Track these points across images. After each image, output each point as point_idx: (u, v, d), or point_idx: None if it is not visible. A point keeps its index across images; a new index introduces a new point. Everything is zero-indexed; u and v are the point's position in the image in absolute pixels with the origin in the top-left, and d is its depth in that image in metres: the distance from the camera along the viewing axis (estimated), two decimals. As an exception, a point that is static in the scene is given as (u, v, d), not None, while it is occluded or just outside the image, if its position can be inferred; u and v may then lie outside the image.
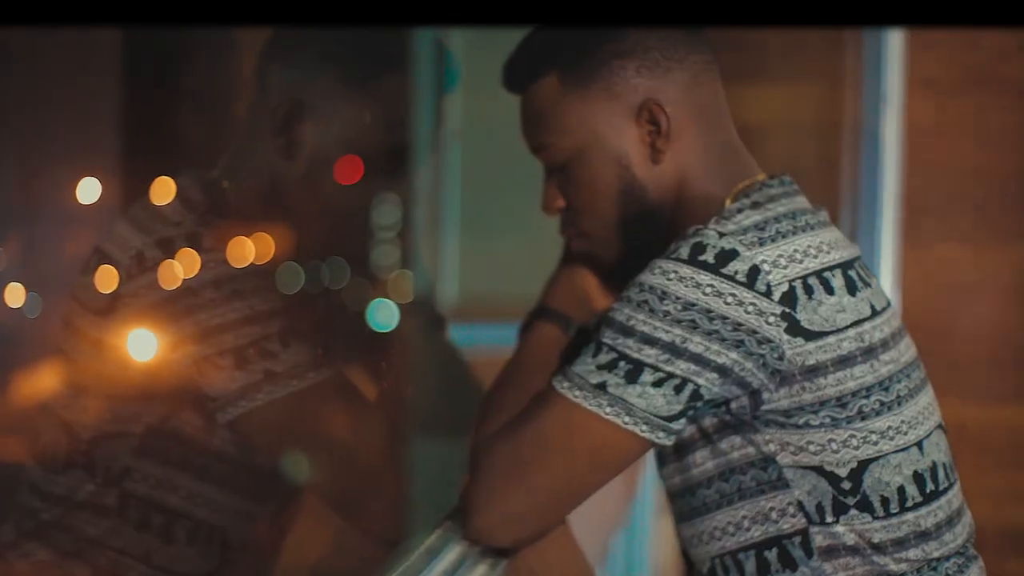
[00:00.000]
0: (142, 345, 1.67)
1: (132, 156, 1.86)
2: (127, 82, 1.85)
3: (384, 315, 1.86)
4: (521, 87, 1.64)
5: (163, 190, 1.73)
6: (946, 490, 1.61)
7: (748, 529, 1.58)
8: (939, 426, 1.64)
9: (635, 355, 1.51)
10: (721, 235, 1.52)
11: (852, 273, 1.57)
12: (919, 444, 1.58)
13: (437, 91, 1.83)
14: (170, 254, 1.66)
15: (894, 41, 3.37)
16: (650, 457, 1.65)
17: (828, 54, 3.42)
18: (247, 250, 1.70)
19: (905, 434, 1.57)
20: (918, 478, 1.58)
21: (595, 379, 1.52)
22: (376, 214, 1.80)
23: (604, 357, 1.52)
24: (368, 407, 1.73)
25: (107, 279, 1.67)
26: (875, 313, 1.57)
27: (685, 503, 1.62)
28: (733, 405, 1.54)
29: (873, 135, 3.41)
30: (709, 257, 1.51)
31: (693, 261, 1.51)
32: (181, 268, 1.66)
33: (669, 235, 1.58)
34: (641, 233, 1.62)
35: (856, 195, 3.43)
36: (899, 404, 1.57)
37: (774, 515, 1.56)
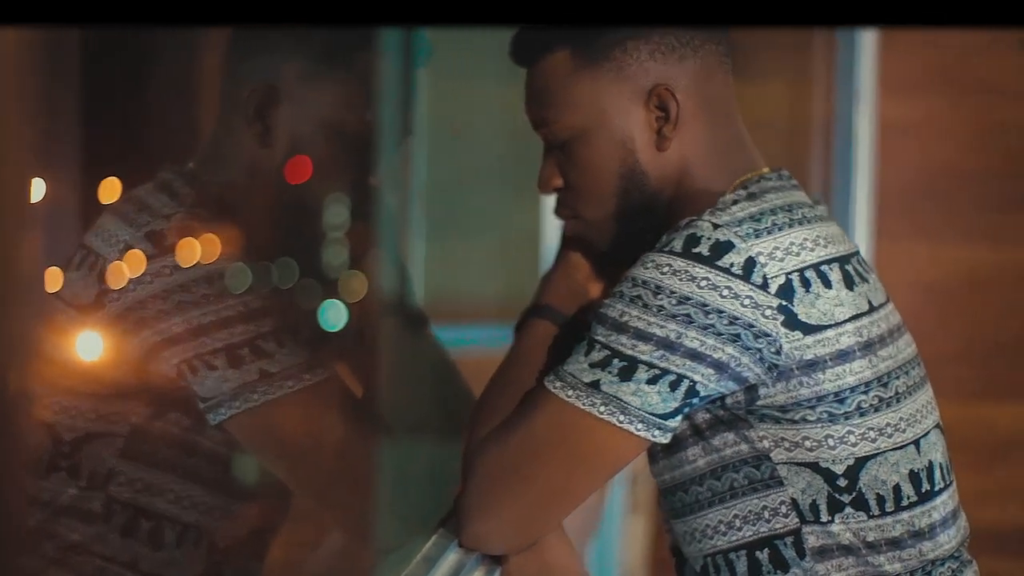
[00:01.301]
0: (129, 343, 1.63)
1: (91, 153, 1.84)
2: (84, 76, 1.83)
3: (335, 315, 1.84)
4: (530, 60, 1.61)
5: (113, 190, 1.70)
6: (942, 491, 1.59)
7: (740, 529, 1.56)
8: (937, 425, 1.62)
9: (629, 352, 1.48)
10: (716, 226, 1.50)
11: (849, 268, 1.55)
12: (916, 443, 1.56)
13: (407, 73, 1.81)
14: (160, 248, 1.63)
15: (867, 40, 3.37)
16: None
17: (797, 53, 3.42)
18: (236, 245, 1.67)
19: (903, 432, 1.55)
20: (914, 477, 1.56)
21: (588, 378, 1.49)
22: (338, 210, 1.78)
23: (597, 355, 1.50)
24: (361, 411, 1.71)
25: (93, 274, 1.64)
26: (872, 308, 1.56)
27: (677, 500, 1.60)
28: (728, 400, 1.52)
29: (846, 133, 3.41)
30: (704, 249, 1.48)
31: (687, 254, 1.48)
32: (172, 262, 1.62)
33: (666, 225, 1.55)
34: (638, 220, 1.59)
35: (828, 193, 3.43)
36: (898, 401, 1.55)
37: (767, 514, 1.54)
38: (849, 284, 1.54)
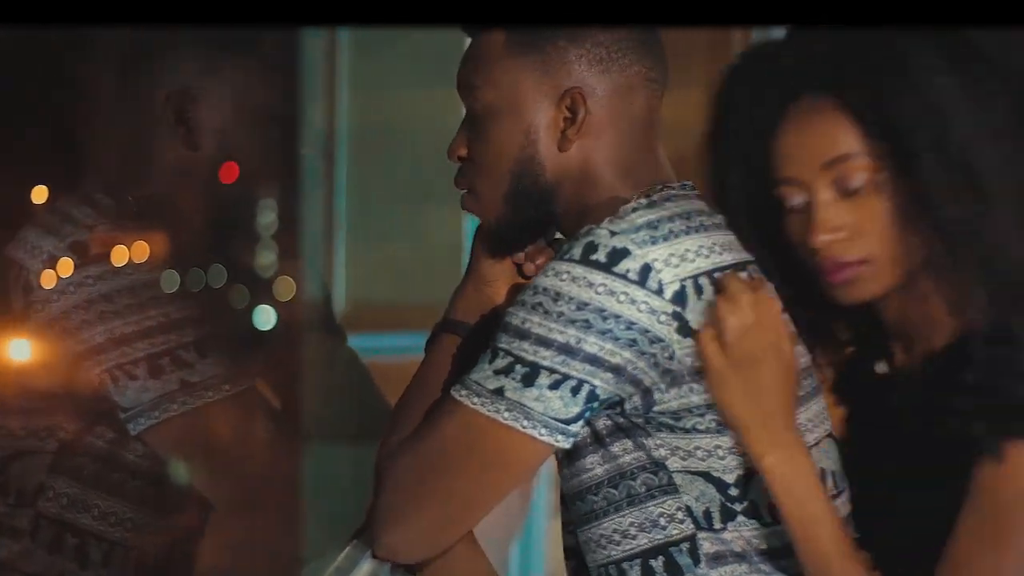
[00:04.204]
0: (54, 354, 1.64)
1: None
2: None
3: (264, 318, 1.84)
4: (474, 32, 1.65)
5: (40, 196, 1.71)
6: (835, 498, 1.61)
7: (635, 537, 1.57)
8: (829, 434, 1.64)
9: (531, 358, 1.51)
10: (613, 234, 1.53)
11: (744, 275, 1.57)
12: (808, 452, 1.58)
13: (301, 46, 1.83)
14: (85, 258, 1.64)
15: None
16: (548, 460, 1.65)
17: (715, 60, 3.45)
18: (158, 255, 1.67)
19: None
20: None
21: (492, 384, 1.52)
22: (263, 212, 1.79)
23: (501, 362, 1.52)
24: (280, 421, 1.72)
25: (18, 286, 1.64)
26: None
27: (577, 508, 1.61)
28: (627, 406, 1.55)
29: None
30: (601, 256, 1.51)
31: (585, 261, 1.51)
32: (95, 272, 1.63)
33: (566, 225, 1.61)
34: (529, 208, 1.62)
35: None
36: None
37: (663, 521, 1.56)
38: None
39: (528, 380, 1.51)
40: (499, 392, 1.51)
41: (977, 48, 1.53)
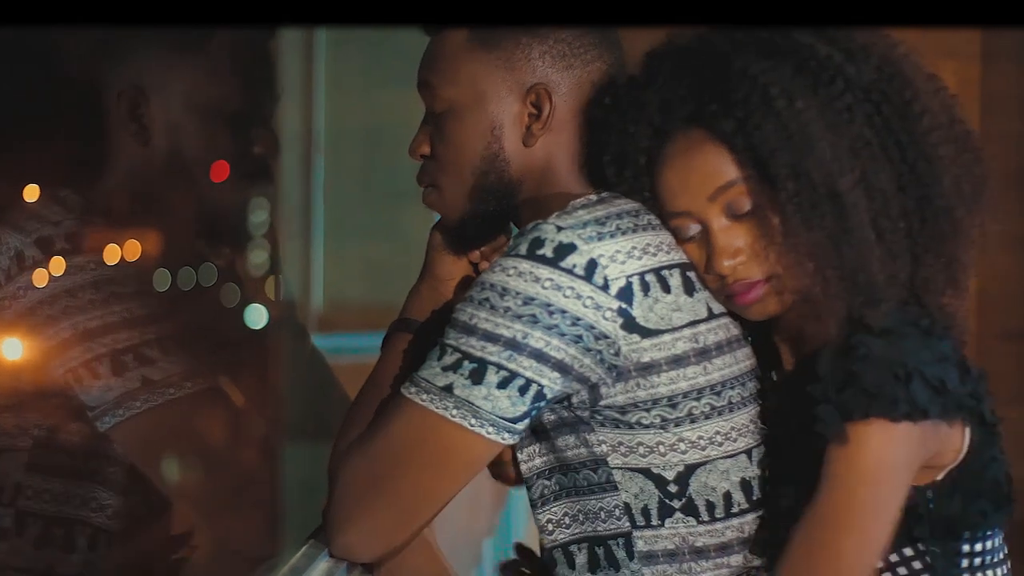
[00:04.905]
0: (22, 351, 1.65)
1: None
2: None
3: (255, 317, 1.85)
4: (435, 30, 1.66)
5: (31, 195, 1.72)
6: (753, 509, 1.61)
7: (582, 523, 1.59)
8: (762, 440, 1.64)
9: (478, 353, 1.52)
10: (559, 229, 1.54)
11: (691, 274, 1.59)
12: (748, 452, 1.60)
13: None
14: (49, 253, 1.65)
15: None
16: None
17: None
18: (124, 251, 1.69)
19: (734, 441, 1.59)
20: (745, 485, 1.59)
21: (441, 381, 1.53)
22: (243, 210, 1.80)
23: (448, 358, 1.54)
24: (242, 421, 1.73)
25: None
26: (712, 316, 1.59)
27: (529, 494, 1.63)
28: (574, 399, 1.56)
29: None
30: (547, 251, 1.53)
31: (532, 256, 1.53)
32: (60, 268, 1.65)
33: (521, 220, 1.63)
34: (491, 202, 1.64)
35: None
36: (730, 410, 1.58)
37: (603, 515, 1.58)
38: (689, 290, 1.58)
39: (476, 377, 1.52)
40: (448, 389, 1.53)
41: (833, 64, 1.54)
